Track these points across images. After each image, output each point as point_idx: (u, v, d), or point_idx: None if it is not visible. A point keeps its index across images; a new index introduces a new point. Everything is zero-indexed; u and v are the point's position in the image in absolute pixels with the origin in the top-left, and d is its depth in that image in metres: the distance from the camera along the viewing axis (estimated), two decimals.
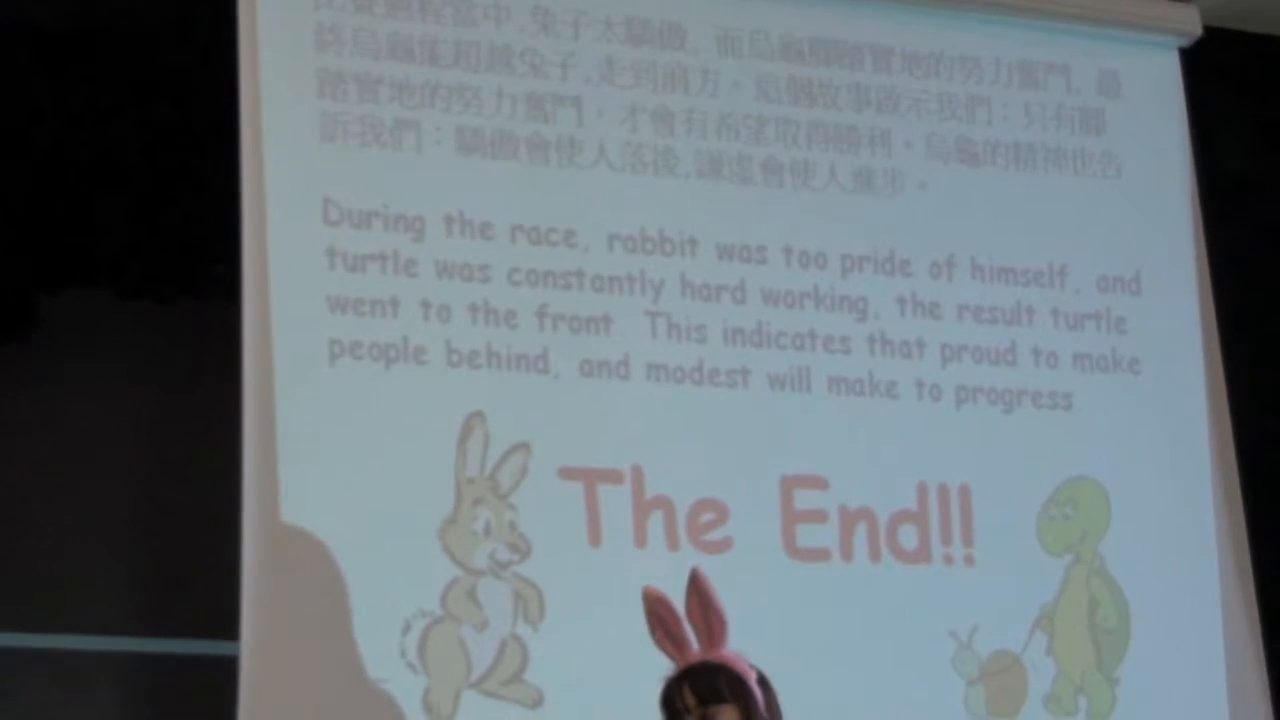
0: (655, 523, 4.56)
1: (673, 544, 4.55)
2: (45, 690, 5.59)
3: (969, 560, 4.78)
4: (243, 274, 4.39)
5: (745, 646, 3.42)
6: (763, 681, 3.35)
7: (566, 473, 4.52)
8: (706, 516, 4.60)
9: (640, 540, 4.55)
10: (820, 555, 4.67)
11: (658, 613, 3.36)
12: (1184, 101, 5.25)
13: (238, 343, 4.37)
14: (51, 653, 5.39)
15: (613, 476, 4.55)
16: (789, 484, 4.68)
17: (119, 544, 5.70)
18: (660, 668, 3.56)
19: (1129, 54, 5.24)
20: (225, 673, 4.26)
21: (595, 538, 4.53)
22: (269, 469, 4.31)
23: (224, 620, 4.31)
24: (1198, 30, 5.29)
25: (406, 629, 4.32)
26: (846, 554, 4.69)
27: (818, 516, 4.68)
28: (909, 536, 4.74)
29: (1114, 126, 5.19)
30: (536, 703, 4.39)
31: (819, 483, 4.70)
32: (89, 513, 5.64)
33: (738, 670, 3.32)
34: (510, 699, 4.39)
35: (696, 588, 3.32)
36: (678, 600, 3.35)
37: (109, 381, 5.68)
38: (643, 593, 3.39)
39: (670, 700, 3.29)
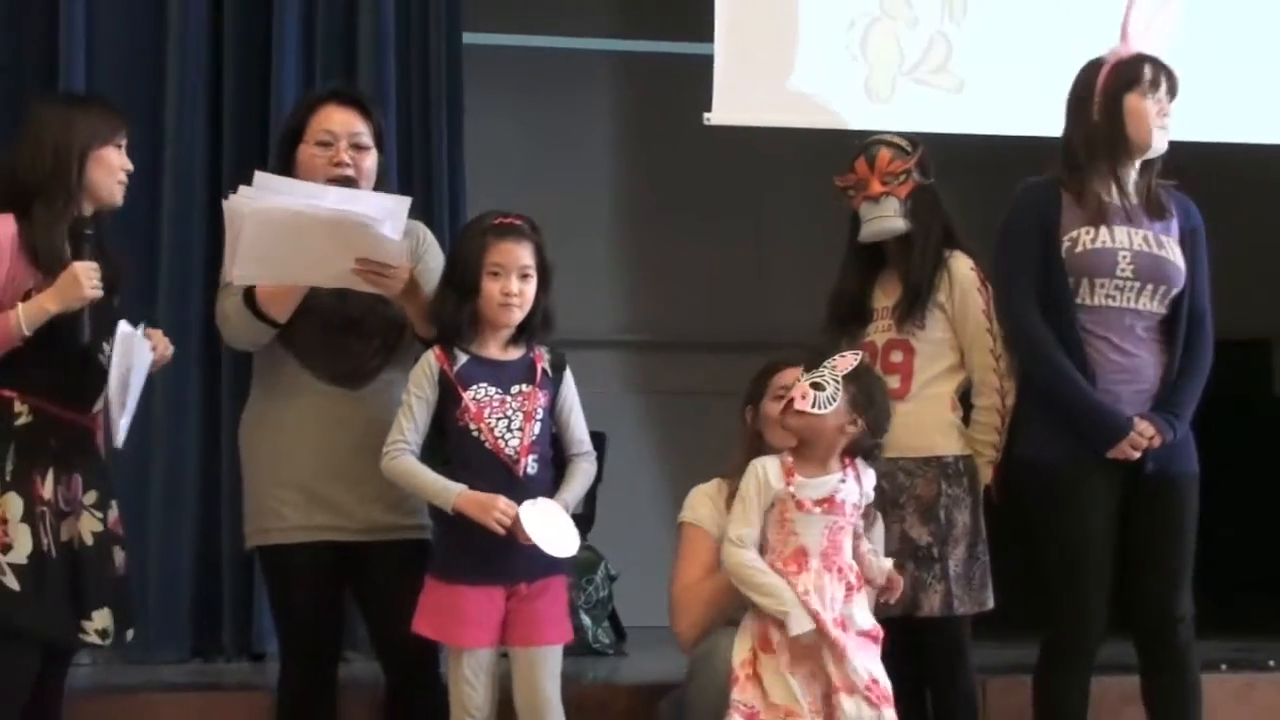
0: None
1: None
2: (545, 86, 6.45)
3: None
4: None
5: None
6: None
7: None
8: None
9: None
10: None
11: None
12: None
13: None
14: (547, 51, 6.03)
15: None
16: None
17: None
18: (1068, 59, 4.00)
19: None
20: (699, 71, 4.93)
21: None
22: None
23: (699, 22, 4.96)
24: None
25: (850, 25, 4.95)
26: None
27: None
28: None
29: None
30: (958, 88, 5.00)
31: None
32: None
33: None
34: (936, 85, 5.00)
35: None
36: None
37: None
38: None
39: None
